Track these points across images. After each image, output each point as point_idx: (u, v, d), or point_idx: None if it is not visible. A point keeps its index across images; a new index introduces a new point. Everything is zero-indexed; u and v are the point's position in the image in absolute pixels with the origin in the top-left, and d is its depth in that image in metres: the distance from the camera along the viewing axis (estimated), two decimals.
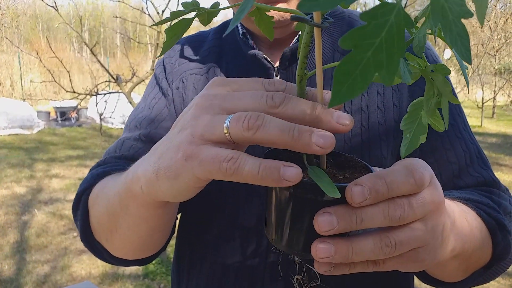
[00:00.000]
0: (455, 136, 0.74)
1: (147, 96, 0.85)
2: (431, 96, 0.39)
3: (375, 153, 0.71)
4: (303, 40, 0.39)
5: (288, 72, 0.75)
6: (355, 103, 0.73)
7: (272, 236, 0.44)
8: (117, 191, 0.58)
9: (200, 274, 0.75)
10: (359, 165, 0.46)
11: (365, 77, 0.27)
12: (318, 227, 0.38)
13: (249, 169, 0.38)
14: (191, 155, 0.41)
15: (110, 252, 0.72)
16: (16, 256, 3.63)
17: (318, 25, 0.37)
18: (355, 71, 0.27)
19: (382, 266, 0.43)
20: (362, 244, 0.40)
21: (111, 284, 3.23)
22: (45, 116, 10.66)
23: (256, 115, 0.38)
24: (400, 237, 0.41)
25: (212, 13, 0.44)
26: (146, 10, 4.02)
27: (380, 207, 0.39)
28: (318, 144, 0.37)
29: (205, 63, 0.81)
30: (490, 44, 11.21)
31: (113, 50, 27.00)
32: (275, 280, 0.70)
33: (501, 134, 9.72)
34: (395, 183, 0.40)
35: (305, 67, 0.41)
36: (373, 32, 0.26)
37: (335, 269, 0.42)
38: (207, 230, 0.74)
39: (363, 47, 0.26)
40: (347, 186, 0.39)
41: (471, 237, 0.57)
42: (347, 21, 0.80)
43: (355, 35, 0.26)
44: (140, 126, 0.80)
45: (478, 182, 0.73)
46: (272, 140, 0.38)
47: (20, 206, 4.81)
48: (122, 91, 4.12)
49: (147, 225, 0.60)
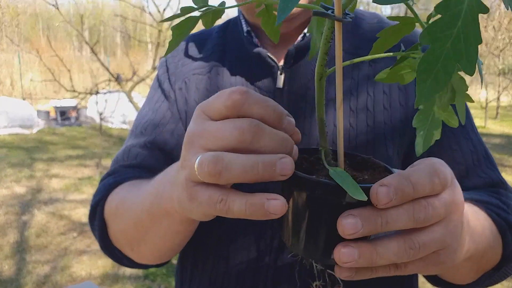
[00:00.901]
0: (462, 137, 0.74)
1: (151, 99, 0.85)
2: (445, 92, 0.39)
3: (380, 153, 0.70)
4: (323, 36, 0.38)
5: (292, 71, 0.74)
6: (360, 102, 0.72)
7: (290, 241, 0.43)
8: (146, 208, 0.61)
9: (203, 275, 0.75)
10: (377, 165, 0.45)
11: (447, 69, 0.27)
12: (343, 230, 0.37)
13: (238, 209, 0.39)
14: (191, 198, 0.43)
15: (134, 259, 0.75)
16: (16, 256, 3.62)
17: (341, 19, 0.36)
18: (437, 65, 0.27)
19: (404, 270, 0.43)
20: (386, 247, 0.39)
21: (111, 285, 3.21)
22: (45, 115, 10.65)
23: (215, 159, 0.39)
24: (423, 239, 0.40)
25: (217, 13, 0.43)
26: (147, 8, 4.00)
27: (404, 208, 0.39)
28: (282, 174, 0.38)
29: (208, 62, 0.81)
30: (494, 44, 11.20)
31: (113, 49, 27.02)
32: (278, 282, 0.69)
33: (505, 134, 9.72)
34: (420, 183, 0.39)
35: (325, 64, 0.40)
36: (449, 23, 0.26)
37: (357, 274, 0.41)
38: (210, 231, 0.74)
39: (441, 39, 0.26)
40: (372, 187, 0.37)
41: (483, 238, 0.57)
42: (353, 20, 0.78)
43: (432, 29, 0.26)
44: (146, 132, 0.80)
45: (485, 183, 0.73)
46: (239, 180, 0.39)
47: (20, 206, 4.79)
48: (122, 90, 4.10)
49: (181, 236, 0.64)
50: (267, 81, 0.75)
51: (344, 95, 0.72)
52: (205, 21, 0.44)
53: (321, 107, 0.42)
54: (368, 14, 0.80)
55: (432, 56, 0.27)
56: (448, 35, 0.26)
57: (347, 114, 0.71)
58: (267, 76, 0.75)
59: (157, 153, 0.78)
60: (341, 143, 0.42)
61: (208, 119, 0.43)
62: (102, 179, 0.79)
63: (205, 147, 0.41)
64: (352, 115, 0.71)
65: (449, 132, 0.73)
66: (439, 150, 0.72)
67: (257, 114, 0.41)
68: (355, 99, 0.72)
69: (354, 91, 0.72)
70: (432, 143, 0.42)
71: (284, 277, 0.69)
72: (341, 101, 0.41)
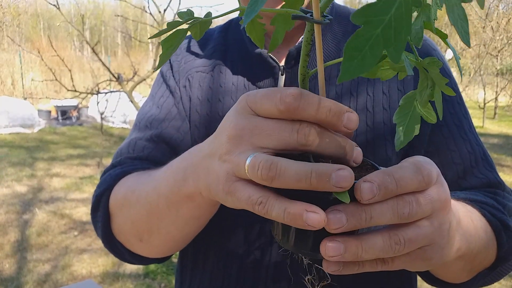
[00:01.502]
0: (460, 137, 0.74)
1: (155, 95, 0.85)
2: (425, 87, 0.40)
3: (379, 153, 0.71)
4: (304, 38, 0.40)
5: (293, 71, 0.75)
6: (360, 102, 0.73)
7: (279, 236, 0.44)
8: (164, 194, 0.60)
9: (204, 272, 0.76)
10: (365, 163, 0.46)
11: (374, 53, 0.28)
12: (328, 225, 0.38)
13: (276, 214, 0.39)
14: (229, 192, 0.43)
15: (140, 252, 0.73)
16: (17, 255, 3.63)
17: (318, 22, 0.37)
18: (365, 47, 0.28)
19: (390, 265, 0.43)
20: (371, 242, 0.40)
21: (111, 283, 3.23)
22: (46, 115, 10.67)
23: (269, 164, 0.38)
24: (408, 235, 0.41)
25: (204, 24, 0.44)
26: (148, 8, 4.02)
27: (389, 204, 0.39)
28: (337, 186, 0.37)
29: (210, 61, 0.81)
30: (492, 44, 11.18)
31: (114, 49, 27.01)
32: (278, 278, 0.70)
33: (503, 135, 9.71)
34: (404, 179, 0.40)
35: (307, 65, 0.41)
36: (383, 8, 0.27)
37: (344, 268, 0.42)
38: (209, 228, 0.74)
39: (373, 23, 0.27)
40: (356, 183, 0.38)
41: (476, 238, 0.57)
42: (346, 19, 0.80)
43: (366, 11, 0.27)
44: (151, 126, 0.80)
45: (483, 183, 0.72)
46: (289, 186, 0.39)
47: (21, 205, 4.81)
48: (123, 90, 4.12)
49: (198, 223, 0.63)
50: (269, 82, 0.76)
51: (344, 95, 0.73)
52: (194, 32, 0.44)
53: None
54: None
55: (362, 38, 0.27)
56: (381, 20, 0.27)
57: (363, 114, 0.72)
58: (268, 76, 0.76)
59: (163, 147, 0.78)
60: None
61: (256, 115, 0.42)
62: (105, 171, 0.77)
63: (256, 144, 0.41)
64: (369, 115, 0.72)
65: (447, 132, 0.73)
66: (437, 150, 0.73)
67: (312, 118, 0.40)
68: (355, 99, 0.72)
69: (354, 91, 0.73)
70: (411, 139, 0.43)
71: (284, 275, 0.69)
72: None
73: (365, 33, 0.27)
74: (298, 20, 0.39)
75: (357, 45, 0.28)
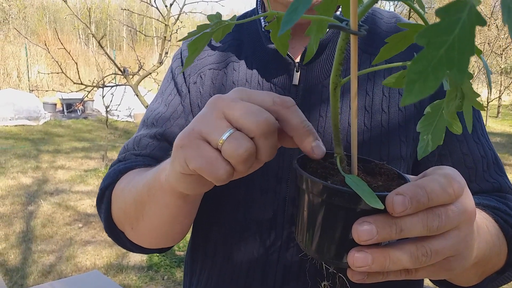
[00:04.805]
0: (473, 141, 0.74)
1: (164, 91, 0.86)
2: (453, 98, 0.39)
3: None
4: (338, 46, 0.39)
5: (308, 69, 0.74)
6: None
7: (303, 242, 0.44)
8: (146, 181, 0.64)
9: (213, 268, 0.76)
10: (391, 172, 0.46)
11: (437, 75, 0.26)
12: (358, 237, 0.38)
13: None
14: (184, 145, 0.45)
15: (134, 241, 0.76)
16: (22, 246, 3.67)
17: (356, 33, 0.37)
18: (428, 69, 0.27)
19: (414, 275, 0.44)
20: (399, 254, 0.40)
21: (115, 275, 3.25)
22: (51, 107, 10.71)
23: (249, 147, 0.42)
24: (435, 246, 0.41)
25: (227, 28, 0.45)
26: (154, 3, 4.02)
27: (419, 216, 0.39)
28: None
29: (224, 57, 0.81)
30: (497, 43, 11.09)
31: (119, 43, 27.01)
32: (287, 277, 0.70)
33: (506, 133, 9.66)
34: (435, 192, 0.40)
35: (340, 74, 0.40)
36: (446, 28, 0.26)
37: (369, 277, 0.42)
38: (221, 224, 0.75)
39: (436, 44, 0.26)
40: (388, 196, 0.38)
41: (491, 244, 0.58)
42: (370, 18, 0.78)
43: (429, 32, 0.26)
44: (157, 123, 0.82)
45: (494, 188, 0.73)
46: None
47: (26, 197, 4.85)
48: (128, 84, 4.13)
49: (169, 212, 0.64)
50: (283, 78, 0.75)
51: (359, 95, 0.72)
52: (215, 36, 0.45)
53: (335, 115, 0.43)
54: (386, 13, 0.79)
55: (424, 60, 0.26)
56: (444, 41, 0.26)
57: (361, 113, 0.71)
58: (283, 72, 0.75)
59: (166, 145, 0.79)
60: (355, 149, 0.43)
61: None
62: (112, 165, 0.81)
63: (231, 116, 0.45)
64: (367, 115, 0.71)
65: (460, 136, 0.73)
66: (450, 153, 0.72)
67: None
68: (370, 99, 0.72)
69: (370, 91, 0.72)
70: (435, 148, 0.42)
71: (293, 274, 0.70)
72: (356, 110, 0.41)
73: (428, 54, 0.26)
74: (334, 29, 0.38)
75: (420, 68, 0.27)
